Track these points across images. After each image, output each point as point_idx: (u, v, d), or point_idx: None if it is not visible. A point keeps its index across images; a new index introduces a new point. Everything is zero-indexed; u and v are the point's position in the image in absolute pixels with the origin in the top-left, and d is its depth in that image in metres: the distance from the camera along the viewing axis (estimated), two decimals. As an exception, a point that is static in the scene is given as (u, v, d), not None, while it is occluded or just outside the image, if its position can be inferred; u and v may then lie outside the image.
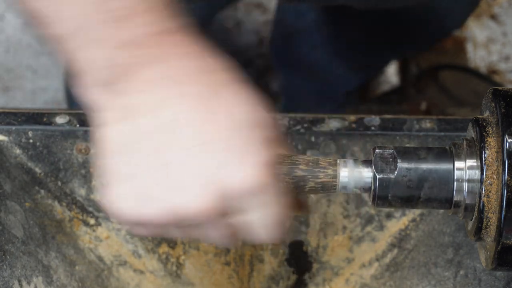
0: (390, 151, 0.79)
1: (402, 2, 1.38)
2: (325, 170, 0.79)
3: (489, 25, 2.01)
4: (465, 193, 0.77)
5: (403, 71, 1.93)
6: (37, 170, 1.04)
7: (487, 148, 0.76)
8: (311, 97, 1.80)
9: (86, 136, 1.04)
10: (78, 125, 1.04)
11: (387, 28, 1.55)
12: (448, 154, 0.78)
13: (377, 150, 0.79)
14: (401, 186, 0.77)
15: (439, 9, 1.48)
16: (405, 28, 1.55)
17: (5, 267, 0.95)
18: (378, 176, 0.78)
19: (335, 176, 0.79)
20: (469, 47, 1.98)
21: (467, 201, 0.77)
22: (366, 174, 0.78)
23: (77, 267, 1.05)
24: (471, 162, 0.77)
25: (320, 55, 1.68)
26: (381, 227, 1.08)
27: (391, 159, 0.78)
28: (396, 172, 0.77)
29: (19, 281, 0.96)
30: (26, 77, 1.86)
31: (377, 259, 1.08)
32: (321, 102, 1.79)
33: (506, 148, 0.74)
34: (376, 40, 1.59)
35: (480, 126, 0.77)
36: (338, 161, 0.79)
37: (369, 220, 1.08)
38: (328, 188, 0.79)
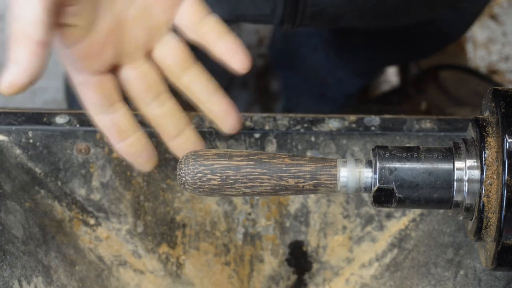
0: (390, 151, 0.79)
1: (402, 22, 1.39)
2: (325, 170, 0.79)
3: (489, 25, 2.01)
4: (465, 193, 0.77)
5: (403, 71, 1.93)
6: (37, 170, 1.04)
7: (487, 148, 0.76)
8: (310, 98, 1.81)
9: (86, 136, 1.04)
10: (78, 125, 1.04)
11: (388, 38, 1.55)
12: (448, 154, 0.78)
13: (377, 150, 0.79)
14: (401, 186, 0.78)
15: (441, 21, 1.49)
16: (407, 38, 1.55)
17: (5, 267, 0.95)
18: (378, 177, 0.78)
19: (335, 176, 0.79)
20: (469, 47, 1.98)
21: (467, 201, 0.77)
22: (366, 174, 0.78)
23: (77, 267, 1.05)
24: (471, 162, 0.77)
25: (320, 57, 1.68)
26: (381, 227, 1.08)
27: (391, 159, 0.78)
28: (396, 172, 0.78)
29: (19, 281, 0.96)
30: (26, 77, 1.86)
31: (377, 259, 1.08)
32: (321, 103, 1.80)
33: (506, 148, 0.74)
34: (377, 47, 1.60)
35: (480, 126, 0.77)
36: (338, 161, 0.79)
37: (369, 220, 1.08)
38: (328, 188, 0.79)
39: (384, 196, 0.78)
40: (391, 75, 1.95)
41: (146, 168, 0.98)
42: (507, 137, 0.74)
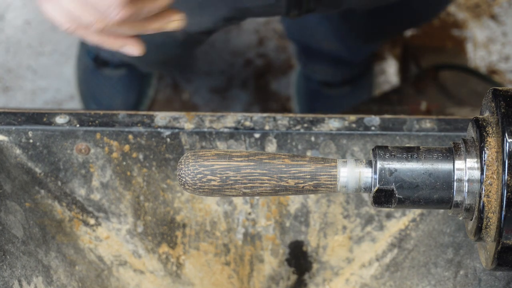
0: (390, 151, 0.79)
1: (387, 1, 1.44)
2: (325, 170, 0.79)
3: (489, 25, 2.01)
4: (465, 193, 0.77)
5: (403, 71, 1.93)
6: (37, 170, 1.04)
7: (487, 148, 0.76)
8: (326, 62, 1.83)
9: (86, 136, 1.04)
10: (78, 125, 1.04)
11: (379, 16, 1.62)
12: (448, 154, 0.78)
13: (377, 151, 0.79)
14: (401, 187, 0.78)
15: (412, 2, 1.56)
16: (391, 15, 1.63)
17: (5, 267, 0.95)
18: (378, 177, 0.78)
19: (335, 176, 0.79)
20: (469, 47, 1.98)
21: (467, 201, 0.77)
22: (366, 174, 0.78)
23: (77, 267, 1.05)
24: (471, 162, 0.77)
25: (326, 26, 1.73)
26: (381, 227, 1.08)
27: (391, 160, 0.78)
28: (396, 172, 0.78)
29: (19, 281, 0.96)
30: (26, 77, 1.86)
31: (377, 259, 1.08)
32: (337, 67, 1.82)
33: (506, 148, 0.74)
34: (370, 20, 1.68)
35: (480, 126, 0.77)
36: (338, 161, 0.79)
37: (369, 220, 1.08)
38: (328, 188, 0.79)
39: (384, 197, 0.78)
40: (391, 75, 1.96)
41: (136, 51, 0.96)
42: (507, 137, 0.75)
